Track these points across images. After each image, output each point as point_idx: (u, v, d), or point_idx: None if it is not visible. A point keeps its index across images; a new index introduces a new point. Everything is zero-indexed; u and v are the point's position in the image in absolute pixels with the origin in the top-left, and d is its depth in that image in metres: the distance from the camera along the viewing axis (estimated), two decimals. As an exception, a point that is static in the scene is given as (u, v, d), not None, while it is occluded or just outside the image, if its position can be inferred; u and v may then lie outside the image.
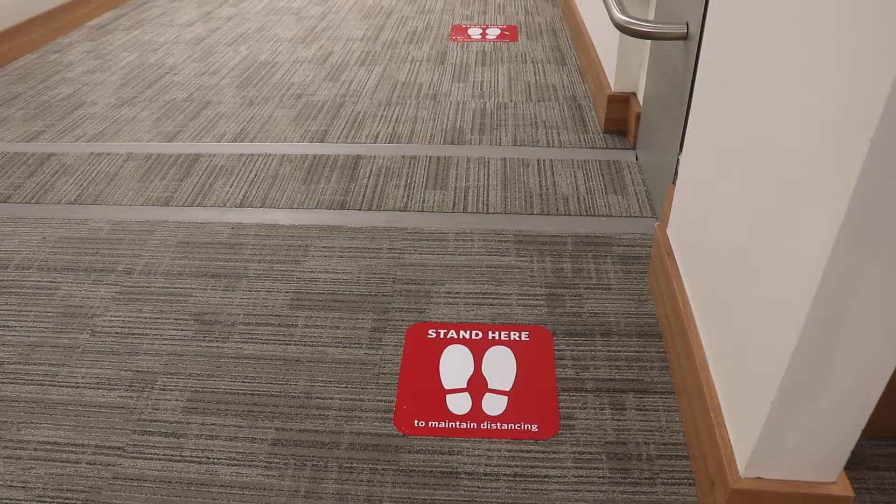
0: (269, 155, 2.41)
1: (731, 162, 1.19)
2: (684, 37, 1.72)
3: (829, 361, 0.92)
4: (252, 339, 1.62)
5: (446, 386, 1.49)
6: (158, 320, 1.68)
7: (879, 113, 0.71)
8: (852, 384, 0.94)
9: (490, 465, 1.32)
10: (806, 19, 0.90)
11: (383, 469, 1.32)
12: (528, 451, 1.35)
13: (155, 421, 1.43)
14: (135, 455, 1.36)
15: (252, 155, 2.42)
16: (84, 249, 1.94)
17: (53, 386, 1.52)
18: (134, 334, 1.64)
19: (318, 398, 1.47)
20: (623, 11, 1.87)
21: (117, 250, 1.93)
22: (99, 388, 1.51)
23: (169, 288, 1.78)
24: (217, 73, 3.16)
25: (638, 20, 1.82)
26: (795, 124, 0.92)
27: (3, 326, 1.68)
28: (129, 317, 1.69)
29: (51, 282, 1.82)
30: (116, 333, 1.65)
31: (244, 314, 1.69)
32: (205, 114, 2.75)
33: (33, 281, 1.83)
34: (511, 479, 1.30)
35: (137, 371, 1.55)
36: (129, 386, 1.51)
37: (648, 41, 2.20)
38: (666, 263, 1.56)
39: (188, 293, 1.76)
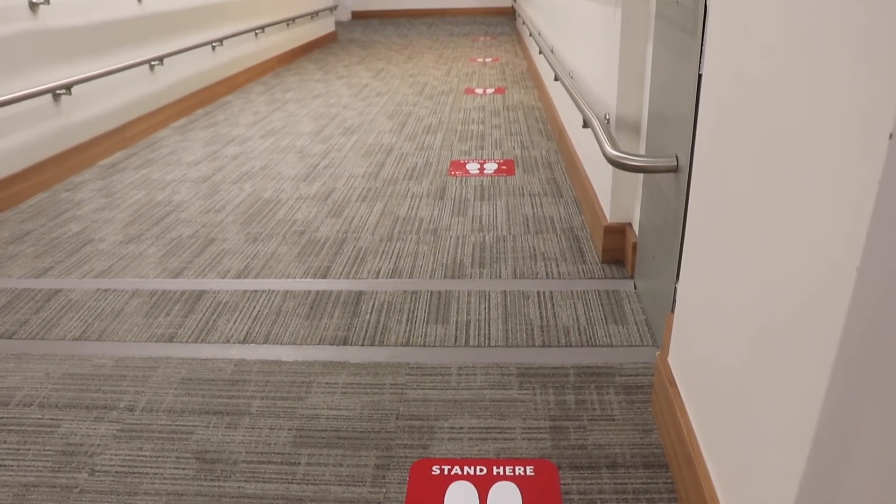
0: (273, 291, 2.45)
1: (728, 290, 1.22)
2: (674, 169, 1.79)
3: (838, 493, 0.91)
4: (254, 477, 1.60)
5: (451, 524, 1.46)
6: (159, 458, 1.66)
7: (862, 243, 0.74)
8: (864, 517, 0.93)
9: None
10: (789, 149, 0.94)
11: None
12: None
13: (152, 565, 1.39)
14: None
15: (256, 291, 2.45)
16: (87, 386, 1.94)
17: (50, 529, 1.49)
18: (134, 473, 1.62)
19: (321, 539, 1.43)
20: (615, 146, 1.96)
21: (120, 387, 1.93)
22: (96, 531, 1.48)
23: (171, 425, 1.77)
24: (222, 211, 3.25)
25: (629, 155, 1.89)
26: (788, 254, 0.96)
27: (0, 466, 1.66)
28: (129, 455, 1.68)
29: (51, 419, 1.81)
30: (116, 472, 1.62)
31: (246, 452, 1.67)
32: (210, 250, 2.81)
33: (34, 418, 1.82)
34: None
35: (136, 512, 1.52)
36: (128, 528, 1.48)
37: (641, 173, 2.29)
38: (669, 392, 1.56)
39: (190, 430, 1.75)
